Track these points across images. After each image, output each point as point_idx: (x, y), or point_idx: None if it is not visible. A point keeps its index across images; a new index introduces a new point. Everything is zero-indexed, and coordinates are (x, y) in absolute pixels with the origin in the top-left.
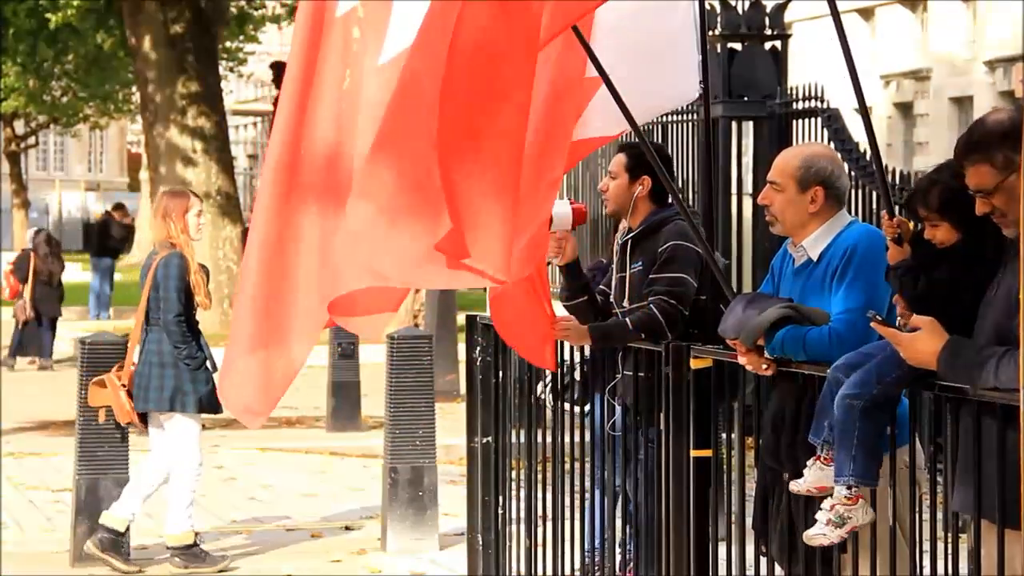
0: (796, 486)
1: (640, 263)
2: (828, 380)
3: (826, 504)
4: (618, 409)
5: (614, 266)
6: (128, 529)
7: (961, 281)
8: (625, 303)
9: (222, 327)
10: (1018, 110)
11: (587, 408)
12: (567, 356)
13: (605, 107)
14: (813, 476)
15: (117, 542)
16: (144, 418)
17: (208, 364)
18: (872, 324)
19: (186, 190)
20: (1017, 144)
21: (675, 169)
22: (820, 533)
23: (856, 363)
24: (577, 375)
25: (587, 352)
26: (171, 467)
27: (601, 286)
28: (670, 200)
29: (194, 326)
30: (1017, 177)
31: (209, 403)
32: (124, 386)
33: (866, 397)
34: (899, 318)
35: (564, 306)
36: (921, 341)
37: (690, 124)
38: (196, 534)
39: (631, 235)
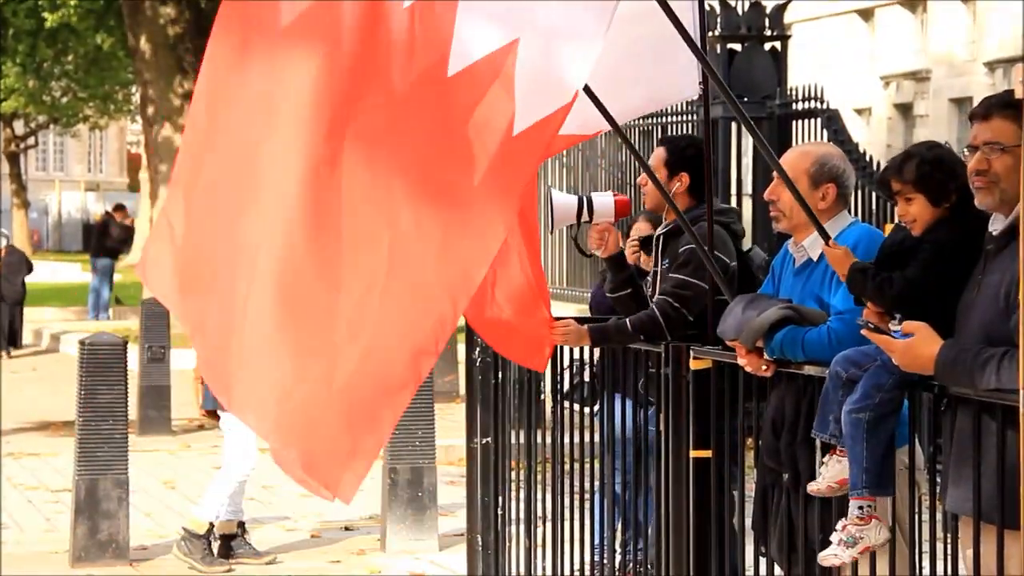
0: (815, 486)
1: (667, 261)
2: (830, 373)
3: (839, 525)
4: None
5: (653, 260)
6: (210, 530)
7: (937, 278)
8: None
9: None
10: None
11: (592, 408)
12: (576, 356)
13: (583, 105)
14: (831, 472)
15: (226, 545)
16: (216, 415)
17: None
18: (863, 332)
19: None
20: None
21: None
22: (832, 554)
23: (857, 359)
24: (586, 375)
25: (598, 352)
26: (226, 459)
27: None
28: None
29: None
30: None
31: None
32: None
33: (871, 408)
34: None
35: (609, 297)
36: (916, 347)
37: (689, 125)
38: (210, 529)
39: (663, 231)
